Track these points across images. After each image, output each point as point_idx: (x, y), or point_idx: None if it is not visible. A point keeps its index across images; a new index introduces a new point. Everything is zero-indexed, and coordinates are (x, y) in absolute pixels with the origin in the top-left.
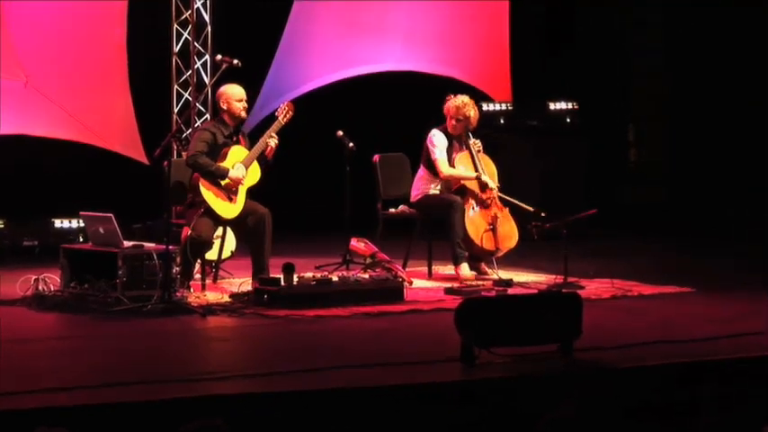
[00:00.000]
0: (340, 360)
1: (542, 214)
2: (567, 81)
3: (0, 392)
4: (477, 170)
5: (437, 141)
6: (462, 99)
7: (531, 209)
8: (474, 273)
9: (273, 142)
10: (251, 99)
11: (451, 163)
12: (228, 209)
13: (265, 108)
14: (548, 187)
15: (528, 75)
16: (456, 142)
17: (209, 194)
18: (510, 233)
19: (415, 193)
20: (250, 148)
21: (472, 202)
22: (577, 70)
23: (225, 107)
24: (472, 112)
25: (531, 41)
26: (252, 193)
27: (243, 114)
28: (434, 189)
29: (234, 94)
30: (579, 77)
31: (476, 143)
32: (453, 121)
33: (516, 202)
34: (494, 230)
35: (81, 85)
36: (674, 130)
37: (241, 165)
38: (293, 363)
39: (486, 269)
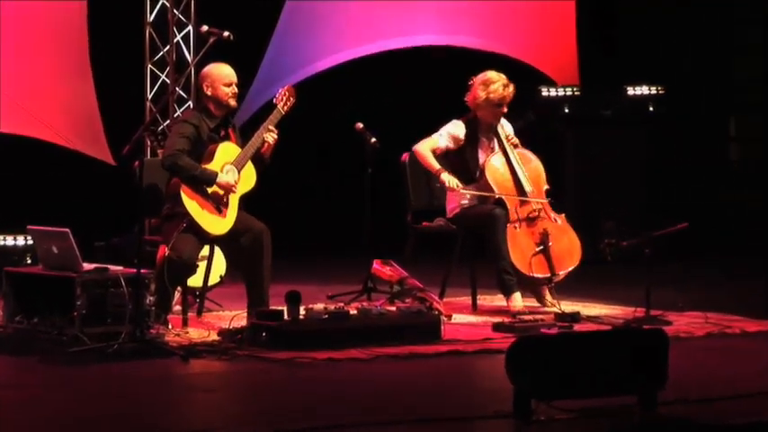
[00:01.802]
0: (360, 415)
1: (548, 200)
2: (650, 61)
3: None
4: (514, 175)
5: (445, 128)
6: (496, 76)
7: (545, 200)
8: (530, 303)
9: (272, 137)
10: (246, 82)
11: (481, 166)
12: (217, 223)
13: (263, 94)
14: (623, 192)
15: (600, 53)
16: (484, 138)
17: (192, 204)
18: (569, 248)
19: (451, 206)
20: (242, 144)
21: (513, 216)
22: (663, 48)
23: (209, 93)
24: (511, 87)
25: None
26: (246, 202)
27: (231, 102)
28: (465, 199)
29: (221, 75)
30: (666, 56)
31: (511, 138)
32: (503, 108)
33: (526, 198)
34: (545, 251)
35: (28, 66)
36: None
37: (232, 167)
38: (300, 419)
39: (549, 296)
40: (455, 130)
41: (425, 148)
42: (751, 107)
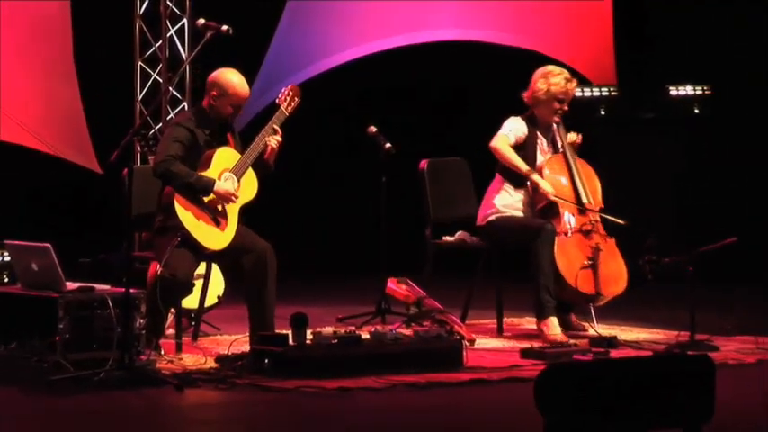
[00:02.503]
0: None
1: (622, 222)
2: (694, 59)
3: None
4: (574, 182)
5: (509, 124)
6: (556, 69)
7: (621, 222)
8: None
9: (275, 141)
10: (247, 82)
11: (539, 168)
12: (214, 237)
13: (266, 95)
14: (663, 202)
15: (639, 50)
16: (543, 137)
17: (187, 216)
18: (616, 273)
19: (487, 213)
20: (242, 149)
21: (565, 224)
22: (708, 44)
23: (214, 102)
24: (573, 84)
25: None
26: (246, 214)
27: (229, 119)
28: (515, 207)
29: (236, 96)
30: (712, 54)
31: (572, 138)
32: (564, 105)
33: (589, 208)
34: (594, 267)
35: (5, 66)
36: None
37: (231, 174)
38: None
39: (578, 322)
40: (519, 126)
41: (505, 144)
42: None
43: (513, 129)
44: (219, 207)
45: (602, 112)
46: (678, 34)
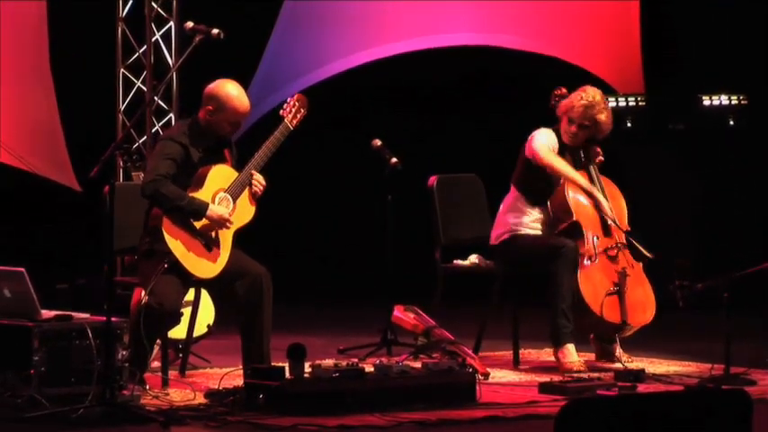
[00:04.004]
0: None
1: (648, 255)
2: (731, 65)
3: None
4: (599, 198)
5: (545, 136)
6: (593, 94)
7: (648, 254)
8: (581, 360)
9: (257, 187)
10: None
11: (561, 185)
12: (206, 265)
13: (260, 106)
14: (697, 222)
15: (671, 56)
16: (568, 153)
17: (176, 244)
18: (644, 301)
19: (501, 231)
20: (240, 166)
21: (590, 248)
22: (746, 50)
23: (210, 117)
24: (603, 116)
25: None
26: (241, 237)
27: (227, 137)
28: (531, 226)
29: (234, 113)
30: (749, 59)
31: (596, 154)
32: (574, 127)
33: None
34: (620, 294)
35: None
36: None
37: (227, 195)
38: None
39: (620, 356)
40: (551, 138)
41: (549, 154)
42: None
43: (549, 141)
44: (212, 233)
45: (629, 124)
46: (711, 39)
